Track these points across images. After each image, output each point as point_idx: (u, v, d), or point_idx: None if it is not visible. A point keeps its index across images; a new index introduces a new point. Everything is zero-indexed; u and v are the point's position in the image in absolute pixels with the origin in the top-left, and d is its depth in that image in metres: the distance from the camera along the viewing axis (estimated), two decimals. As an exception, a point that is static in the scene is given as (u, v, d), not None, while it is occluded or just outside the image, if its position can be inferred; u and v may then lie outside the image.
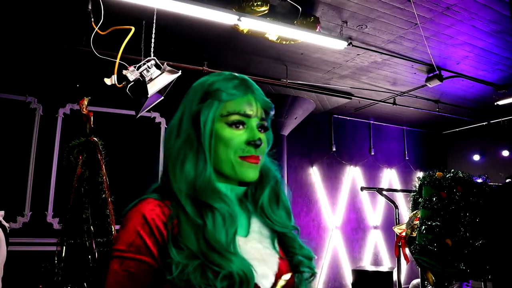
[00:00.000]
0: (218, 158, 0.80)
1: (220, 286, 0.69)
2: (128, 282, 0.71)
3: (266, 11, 2.87)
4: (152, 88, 2.21)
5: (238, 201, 0.87)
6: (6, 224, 2.34)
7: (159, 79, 2.23)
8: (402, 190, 3.07)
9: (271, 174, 0.90)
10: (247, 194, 0.89)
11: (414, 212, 2.16)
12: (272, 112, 0.88)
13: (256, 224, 0.86)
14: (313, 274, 0.88)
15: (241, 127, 0.81)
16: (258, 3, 2.78)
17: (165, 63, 2.31)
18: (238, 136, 0.80)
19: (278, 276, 0.79)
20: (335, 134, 6.03)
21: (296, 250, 0.86)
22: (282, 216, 0.88)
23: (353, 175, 6.10)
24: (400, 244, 2.29)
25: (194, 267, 0.69)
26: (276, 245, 0.85)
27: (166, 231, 0.73)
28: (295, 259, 0.86)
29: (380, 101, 5.18)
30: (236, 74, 0.87)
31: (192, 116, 0.82)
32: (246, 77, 0.86)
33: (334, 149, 5.96)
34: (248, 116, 0.81)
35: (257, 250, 0.81)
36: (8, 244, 2.32)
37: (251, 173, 0.81)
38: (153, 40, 2.61)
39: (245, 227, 0.84)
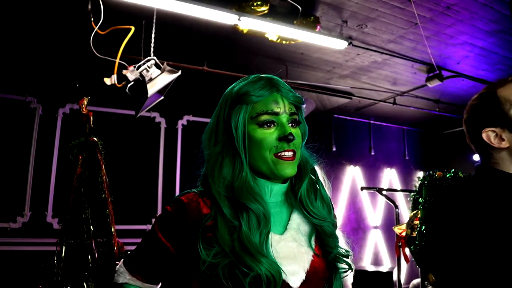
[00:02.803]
0: (254, 158, 0.83)
1: (248, 285, 0.73)
2: (148, 247, 0.87)
3: (266, 11, 2.86)
4: (152, 88, 2.21)
5: (284, 196, 0.89)
6: None
7: (159, 79, 2.23)
8: (402, 190, 3.07)
9: (309, 166, 0.92)
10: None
11: (415, 212, 2.16)
12: (304, 106, 0.91)
13: (295, 220, 0.87)
14: (350, 269, 0.89)
15: (272, 125, 0.83)
16: (258, 2, 2.78)
17: (165, 63, 2.31)
18: (270, 134, 0.83)
19: (309, 273, 0.82)
20: (335, 134, 6.02)
21: (332, 247, 0.87)
22: (320, 208, 0.89)
23: (353, 175, 6.09)
24: (400, 244, 2.28)
25: (223, 265, 0.75)
26: (313, 242, 0.86)
27: (200, 226, 0.79)
28: (331, 256, 0.87)
29: (380, 101, 5.18)
30: (262, 75, 0.89)
31: (225, 122, 0.86)
32: (272, 76, 0.89)
33: (334, 149, 5.96)
34: (277, 114, 0.83)
35: (290, 248, 0.82)
36: None
37: (288, 170, 0.83)
38: (153, 40, 2.61)
39: (283, 224, 0.86)
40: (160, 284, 0.93)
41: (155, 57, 2.27)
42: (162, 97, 2.43)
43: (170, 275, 0.87)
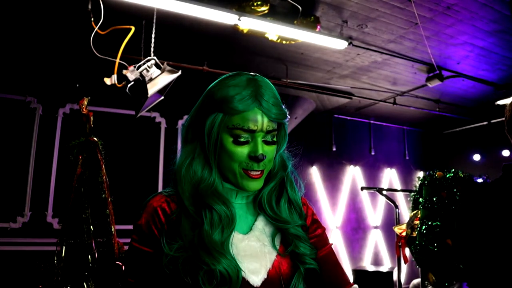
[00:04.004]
0: (224, 166, 0.85)
1: (201, 280, 0.75)
2: (134, 261, 0.84)
3: (266, 11, 2.86)
4: (152, 88, 2.21)
5: (252, 197, 0.92)
6: None
7: (159, 79, 2.23)
8: (403, 190, 3.07)
9: (280, 172, 0.92)
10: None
11: (415, 212, 2.16)
12: (286, 120, 0.88)
13: (261, 222, 0.89)
14: (314, 270, 0.89)
15: (245, 142, 0.83)
16: (258, 2, 2.78)
17: (165, 63, 2.30)
18: (241, 150, 0.82)
19: (271, 273, 0.83)
20: (335, 134, 6.02)
21: (295, 247, 0.87)
22: (284, 211, 0.89)
23: (353, 175, 6.09)
24: (400, 244, 2.28)
25: (183, 259, 0.77)
26: (277, 242, 0.88)
27: (166, 223, 0.82)
28: (295, 256, 0.87)
29: (380, 101, 5.18)
30: (252, 78, 0.84)
31: (201, 123, 0.86)
32: (262, 82, 0.84)
33: (334, 149, 5.96)
34: (252, 132, 0.82)
35: (252, 248, 0.84)
36: None
37: (253, 185, 0.84)
38: (153, 40, 2.61)
39: (249, 224, 0.88)
40: None
41: (155, 57, 2.27)
42: (162, 97, 2.43)
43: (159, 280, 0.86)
